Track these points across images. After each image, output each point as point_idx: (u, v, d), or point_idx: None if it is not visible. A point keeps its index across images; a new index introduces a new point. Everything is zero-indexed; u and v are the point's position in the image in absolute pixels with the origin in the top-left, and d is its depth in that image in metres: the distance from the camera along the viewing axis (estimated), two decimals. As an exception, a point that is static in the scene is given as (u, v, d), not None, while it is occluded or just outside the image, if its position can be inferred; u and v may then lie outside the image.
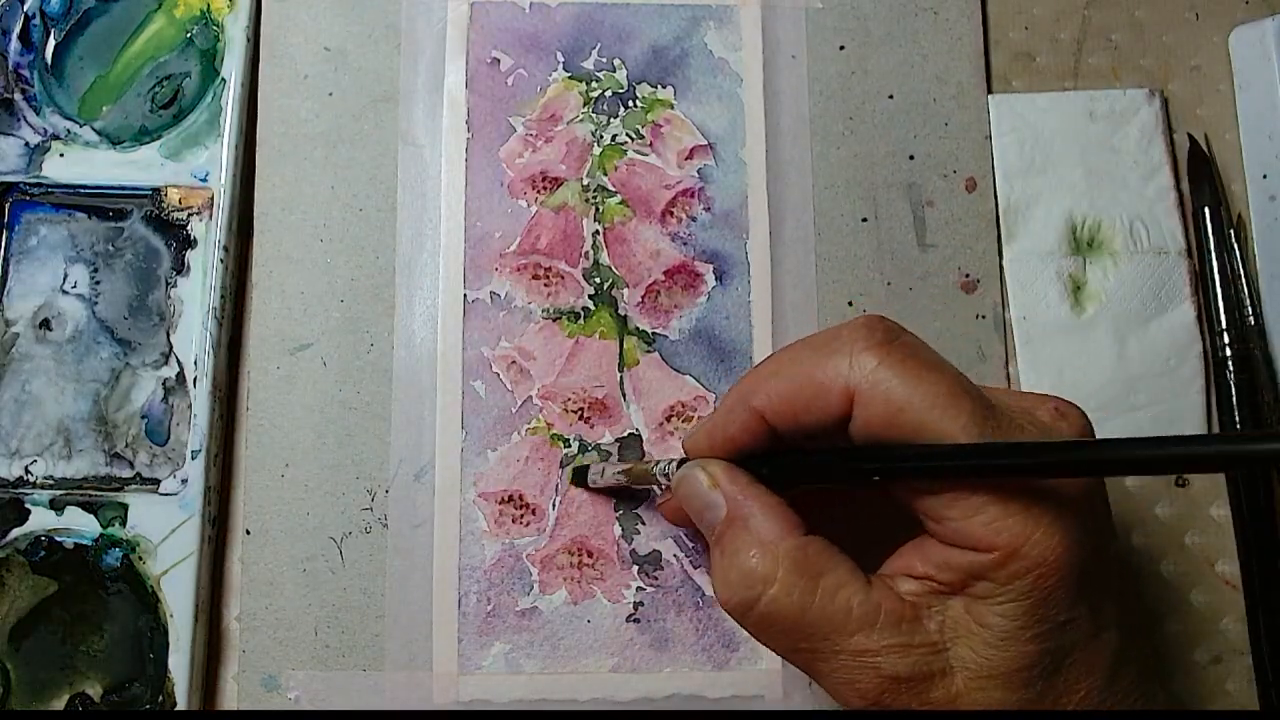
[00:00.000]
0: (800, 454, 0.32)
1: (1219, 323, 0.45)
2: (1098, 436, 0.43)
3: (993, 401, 0.29)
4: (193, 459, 0.42)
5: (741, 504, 0.31)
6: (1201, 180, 0.46)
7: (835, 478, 0.31)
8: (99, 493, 0.41)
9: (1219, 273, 0.45)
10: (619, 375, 0.43)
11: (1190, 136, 0.47)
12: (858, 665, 0.28)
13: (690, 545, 0.42)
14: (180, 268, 0.43)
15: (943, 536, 0.28)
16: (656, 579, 0.42)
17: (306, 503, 0.42)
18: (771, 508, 0.31)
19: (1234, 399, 0.44)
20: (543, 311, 0.44)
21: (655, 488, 0.39)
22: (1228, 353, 0.44)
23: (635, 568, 0.42)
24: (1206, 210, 0.46)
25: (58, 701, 0.40)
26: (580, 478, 0.42)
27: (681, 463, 0.34)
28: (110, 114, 0.45)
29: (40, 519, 0.41)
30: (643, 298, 0.44)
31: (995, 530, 0.27)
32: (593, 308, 0.44)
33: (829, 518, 0.31)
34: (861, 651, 0.28)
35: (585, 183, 0.45)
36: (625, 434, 0.43)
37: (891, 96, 0.46)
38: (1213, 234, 0.45)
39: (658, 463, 0.36)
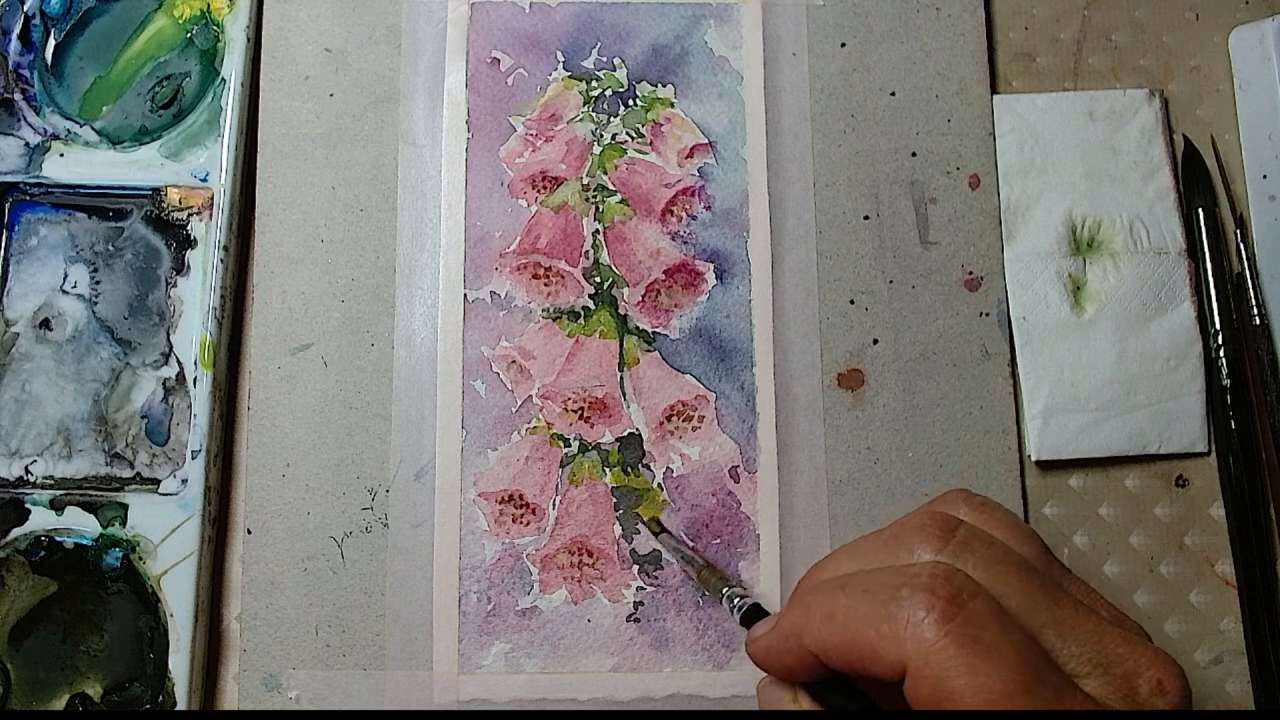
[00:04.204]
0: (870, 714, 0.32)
1: (1213, 324, 0.45)
2: (1096, 437, 0.43)
3: (1072, 665, 0.28)
4: (193, 459, 0.41)
5: None
6: (1195, 181, 0.46)
7: None
8: (99, 493, 0.41)
9: (1213, 274, 0.45)
10: (619, 374, 0.43)
11: (1185, 137, 0.47)
12: None
13: (690, 545, 0.42)
14: (180, 268, 0.43)
15: None
16: (656, 579, 0.42)
17: (307, 502, 0.42)
18: None
19: (1227, 401, 0.44)
20: (543, 311, 0.44)
21: (714, 598, 0.40)
22: (1222, 354, 0.44)
23: (635, 567, 0.42)
24: (1201, 211, 0.46)
25: (58, 701, 0.40)
26: (656, 527, 0.42)
27: (749, 610, 0.36)
28: (110, 114, 0.45)
29: (40, 519, 0.41)
30: (643, 297, 0.44)
31: None
32: (593, 307, 0.44)
33: None
34: None
35: (585, 182, 0.45)
36: (625, 433, 0.43)
37: (893, 93, 0.46)
38: (1207, 235, 0.45)
39: (728, 589, 0.38)
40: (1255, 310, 0.45)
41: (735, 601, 0.37)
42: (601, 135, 0.45)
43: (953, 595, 0.28)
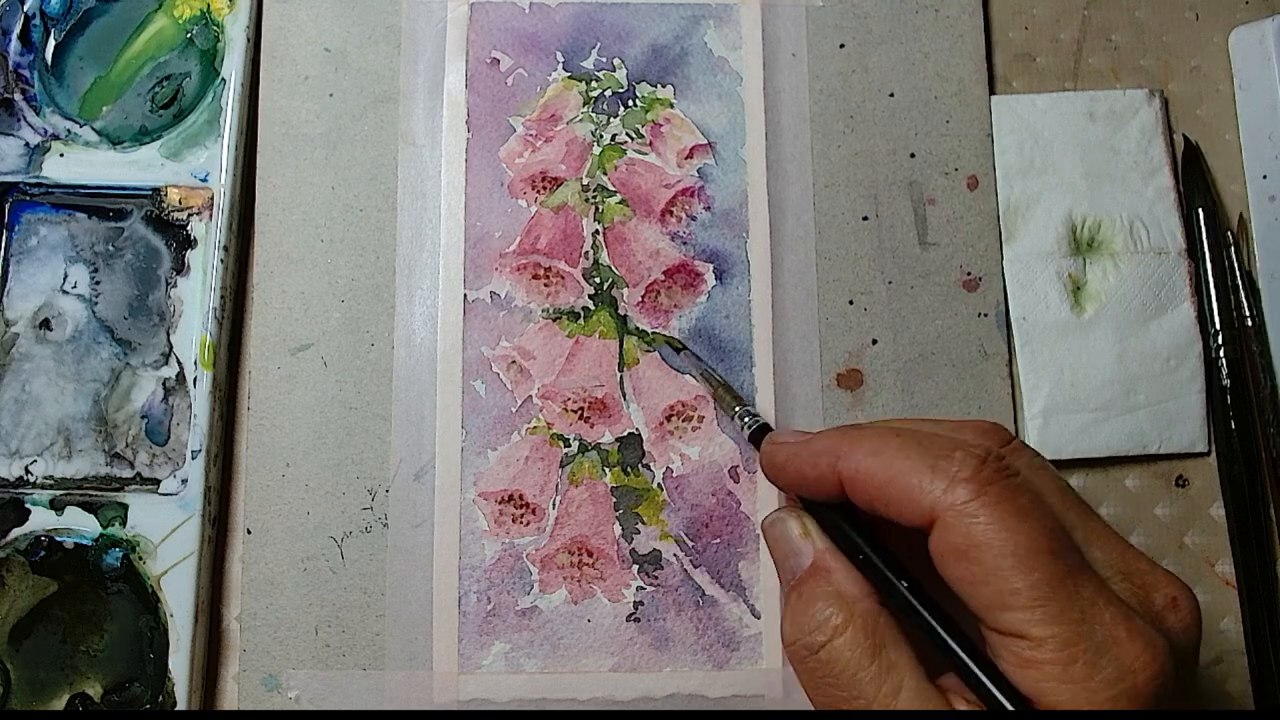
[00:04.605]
0: (880, 557, 0.32)
1: (1213, 324, 0.45)
2: (1096, 437, 0.43)
3: (1094, 567, 0.28)
4: (193, 459, 0.41)
5: (828, 558, 0.32)
6: (1195, 181, 0.46)
7: (896, 601, 0.31)
8: (99, 493, 0.41)
9: (1213, 274, 0.45)
10: (619, 375, 0.43)
11: (1185, 137, 0.47)
12: None
13: (690, 545, 0.42)
14: (180, 268, 0.43)
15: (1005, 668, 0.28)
16: (656, 578, 0.42)
17: (307, 502, 0.42)
18: (854, 571, 0.32)
19: (1227, 401, 0.44)
20: (543, 311, 0.44)
21: (727, 415, 0.41)
22: (1222, 354, 0.44)
23: (635, 567, 0.42)
24: (1201, 211, 0.46)
25: (58, 701, 0.40)
26: (671, 348, 0.43)
27: (757, 429, 0.37)
28: (110, 114, 0.45)
29: (40, 519, 0.41)
30: (643, 297, 0.44)
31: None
32: (593, 307, 0.44)
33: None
34: None
35: (585, 182, 0.45)
36: (625, 433, 0.43)
37: (892, 94, 0.46)
38: (1207, 235, 0.45)
39: (740, 408, 0.39)
40: (1255, 310, 0.45)
41: (746, 420, 0.38)
42: (601, 135, 0.45)
43: (1000, 469, 0.29)
